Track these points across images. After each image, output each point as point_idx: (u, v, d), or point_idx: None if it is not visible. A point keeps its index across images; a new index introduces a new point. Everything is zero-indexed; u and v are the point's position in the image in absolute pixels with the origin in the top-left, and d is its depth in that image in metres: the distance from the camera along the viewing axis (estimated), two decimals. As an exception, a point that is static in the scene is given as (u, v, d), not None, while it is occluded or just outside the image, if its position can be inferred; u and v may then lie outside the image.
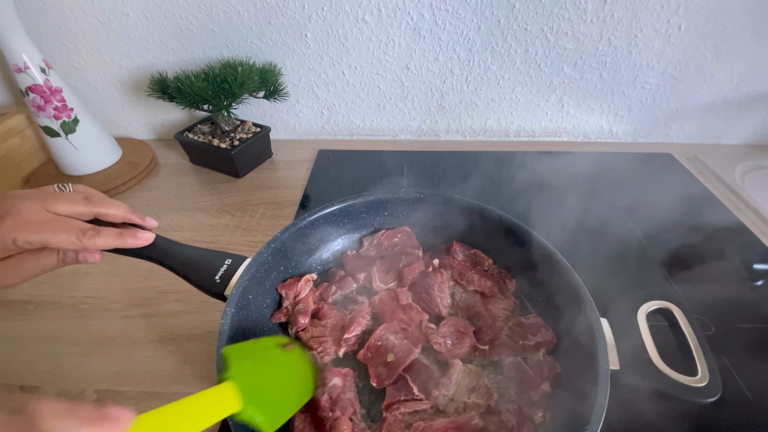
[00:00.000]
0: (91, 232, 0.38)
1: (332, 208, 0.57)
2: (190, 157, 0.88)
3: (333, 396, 0.42)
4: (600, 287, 0.47)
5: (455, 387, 0.44)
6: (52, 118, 0.74)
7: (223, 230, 0.70)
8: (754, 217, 0.71)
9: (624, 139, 0.95)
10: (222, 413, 0.29)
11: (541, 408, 0.42)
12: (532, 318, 0.49)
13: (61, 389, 0.48)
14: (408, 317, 0.51)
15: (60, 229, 0.37)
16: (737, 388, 0.46)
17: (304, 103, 0.92)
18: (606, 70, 0.83)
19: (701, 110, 0.88)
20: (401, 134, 0.97)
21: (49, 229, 0.36)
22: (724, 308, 0.55)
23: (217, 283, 0.46)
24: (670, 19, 0.75)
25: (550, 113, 0.91)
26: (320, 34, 0.81)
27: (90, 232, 0.38)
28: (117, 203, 0.42)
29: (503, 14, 0.77)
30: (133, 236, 0.42)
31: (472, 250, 0.58)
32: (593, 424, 0.34)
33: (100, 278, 0.62)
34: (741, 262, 0.63)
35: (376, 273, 0.57)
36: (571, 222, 0.67)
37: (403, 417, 0.41)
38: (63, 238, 0.37)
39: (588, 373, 0.38)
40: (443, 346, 0.48)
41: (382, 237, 0.60)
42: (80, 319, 0.56)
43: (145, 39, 0.82)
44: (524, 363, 0.45)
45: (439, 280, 0.54)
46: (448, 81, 0.87)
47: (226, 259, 0.48)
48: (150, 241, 0.43)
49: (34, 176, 0.81)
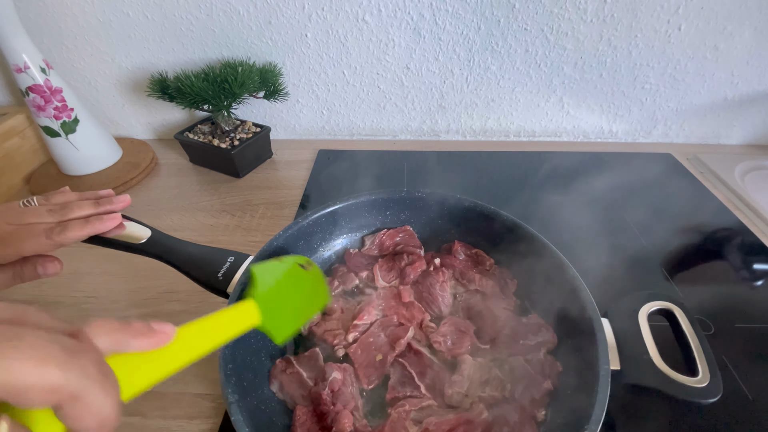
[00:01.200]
0: (58, 228, 0.39)
1: (334, 207, 0.57)
2: (190, 157, 0.88)
3: (334, 389, 0.43)
4: (600, 287, 0.47)
5: (468, 382, 0.44)
6: (52, 118, 0.73)
7: (223, 230, 0.70)
8: (754, 217, 0.71)
9: (624, 139, 0.95)
10: (244, 327, 0.32)
11: (543, 406, 0.42)
12: (532, 318, 0.49)
13: (62, 389, 0.48)
14: (410, 315, 0.51)
15: (27, 235, 0.38)
16: (737, 388, 0.46)
17: (304, 103, 0.92)
18: (606, 70, 0.83)
19: (701, 110, 0.88)
20: (401, 134, 0.97)
21: (17, 237, 0.37)
22: (724, 308, 0.55)
23: (219, 280, 0.46)
24: (670, 19, 0.75)
25: (550, 113, 0.91)
26: (320, 34, 0.81)
27: (57, 228, 0.39)
28: (82, 206, 0.41)
29: (503, 14, 0.77)
30: (100, 220, 0.41)
31: (473, 250, 0.58)
32: (593, 423, 0.34)
33: (100, 278, 0.62)
34: (741, 262, 0.63)
35: (378, 271, 0.57)
36: (572, 222, 0.67)
37: (408, 415, 0.41)
38: (33, 242, 0.38)
39: (589, 372, 0.39)
40: (443, 345, 0.48)
41: (383, 236, 0.60)
42: (80, 319, 0.56)
43: (145, 39, 0.82)
44: (525, 362, 0.45)
45: (440, 279, 0.54)
46: (448, 81, 0.87)
47: (229, 256, 0.48)
48: (117, 220, 0.42)
49: (34, 176, 0.81)
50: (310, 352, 0.47)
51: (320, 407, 0.42)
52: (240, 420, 0.35)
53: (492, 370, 0.45)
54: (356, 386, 0.45)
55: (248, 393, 0.41)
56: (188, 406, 0.46)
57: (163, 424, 0.44)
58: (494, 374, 0.44)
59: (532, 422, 0.41)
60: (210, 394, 0.47)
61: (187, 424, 0.44)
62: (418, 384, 0.44)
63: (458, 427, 0.40)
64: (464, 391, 0.43)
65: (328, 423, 0.40)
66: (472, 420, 0.40)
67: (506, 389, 0.43)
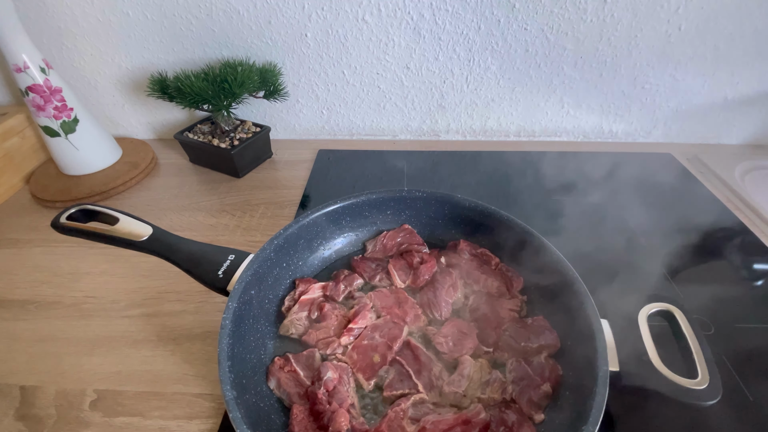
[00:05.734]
0: None
1: (335, 206, 0.57)
2: (190, 157, 0.88)
3: (329, 389, 0.43)
4: (600, 287, 0.47)
5: (467, 382, 0.44)
6: (52, 118, 0.73)
7: (223, 230, 0.70)
8: (754, 217, 0.71)
9: (624, 139, 0.94)
10: None
11: (542, 408, 0.42)
12: (538, 320, 0.49)
13: (61, 389, 0.48)
14: (403, 312, 0.51)
15: None
16: (737, 388, 0.46)
17: (304, 103, 0.92)
18: (606, 70, 0.83)
19: (701, 110, 0.88)
20: (401, 134, 0.97)
21: None
22: (724, 308, 0.55)
23: (220, 278, 0.47)
24: (670, 19, 0.75)
25: (550, 113, 0.91)
26: (320, 34, 0.81)
27: None
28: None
29: (503, 14, 0.77)
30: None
31: (479, 249, 0.58)
32: (591, 424, 0.34)
33: (100, 278, 0.62)
34: (741, 262, 0.63)
35: (394, 270, 0.56)
36: (572, 222, 0.67)
37: (405, 414, 0.41)
38: None
39: (587, 373, 0.39)
40: (445, 346, 0.48)
41: (384, 239, 0.60)
42: (80, 319, 0.56)
43: (145, 39, 0.82)
44: (526, 365, 0.45)
45: (448, 282, 0.54)
46: (448, 81, 0.87)
47: (230, 254, 0.49)
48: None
49: (34, 176, 0.81)
50: (308, 352, 0.48)
51: (316, 406, 0.42)
52: (238, 417, 0.35)
53: (493, 372, 0.45)
54: (353, 385, 0.45)
55: (247, 390, 0.41)
56: (188, 406, 0.46)
57: (163, 424, 0.44)
58: (495, 376, 0.44)
59: (530, 423, 0.41)
60: (209, 394, 0.47)
61: (187, 424, 0.44)
62: (416, 382, 0.44)
63: (456, 426, 0.40)
64: (462, 390, 0.43)
65: (324, 422, 0.40)
66: (470, 420, 0.40)
67: (507, 392, 0.43)
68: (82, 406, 0.46)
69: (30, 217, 0.74)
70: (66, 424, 0.45)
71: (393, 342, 0.48)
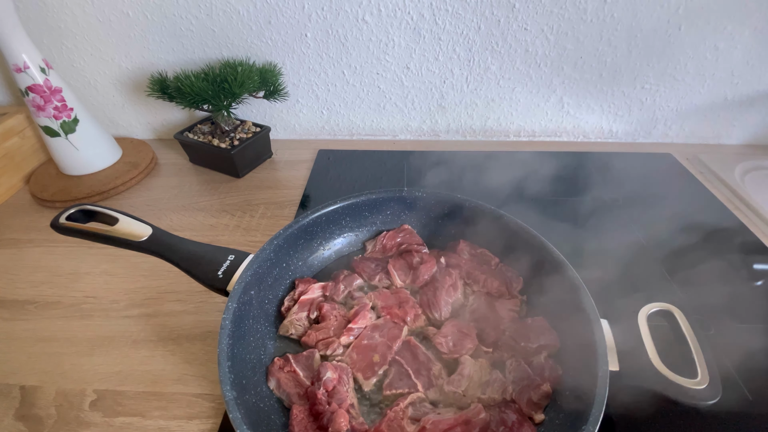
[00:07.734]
0: None
1: (335, 206, 0.57)
2: (190, 157, 0.88)
3: (328, 389, 0.43)
4: (600, 287, 0.47)
5: (467, 382, 0.44)
6: (52, 118, 0.74)
7: (223, 230, 0.70)
8: (754, 217, 0.71)
9: (624, 139, 0.94)
10: None
11: (542, 408, 0.42)
12: (538, 320, 0.49)
13: (61, 389, 0.48)
14: (403, 312, 0.51)
15: None
16: (737, 388, 0.46)
17: (304, 103, 0.92)
18: (606, 70, 0.83)
19: (701, 110, 0.88)
20: (401, 134, 0.97)
21: None
22: (724, 308, 0.55)
23: (219, 278, 0.47)
24: (670, 19, 0.75)
25: (550, 113, 0.91)
26: (320, 34, 0.81)
27: None
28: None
29: (503, 14, 0.77)
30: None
31: (478, 249, 0.58)
32: (591, 424, 0.34)
33: (100, 278, 0.62)
34: (741, 262, 0.63)
35: (393, 270, 0.56)
36: (571, 222, 0.67)
37: (405, 414, 0.41)
38: None
39: (587, 373, 0.39)
40: (445, 346, 0.48)
41: (384, 239, 0.60)
42: (80, 319, 0.56)
43: (145, 39, 0.82)
44: (526, 365, 0.45)
45: (448, 282, 0.54)
46: (448, 81, 0.87)
47: (229, 254, 0.49)
48: None
49: (34, 176, 0.81)
50: (308, 352, 0.48)
51: (316, 407, 0.42)
52: (238, 417, 0.35)
53: (493, 372, 0.45)
54: (352, 385, 0.45)
55: (247, 390, 0.41)
56: (188, 406, 0.46)
57: (163, 424, 0.44)
58: (495, 377, 0.44)
59: (530, 423, 0.41)
60: (209, 395, 0.47)
61: (187, 424, 0.44)
62: (415, 381, 0.44)
63: (456, 426, 0.40)
64: (462, 390, 0.43)
65: (324, 423, 0.40)
66: (470, 420, 0.40)
67: (506, 392, 0.43)
68: (82, 406, 0.46)
69: (30, 217, 0.74)
70: (66, 424, 0.45)
71: (393, 342, 0.48)
